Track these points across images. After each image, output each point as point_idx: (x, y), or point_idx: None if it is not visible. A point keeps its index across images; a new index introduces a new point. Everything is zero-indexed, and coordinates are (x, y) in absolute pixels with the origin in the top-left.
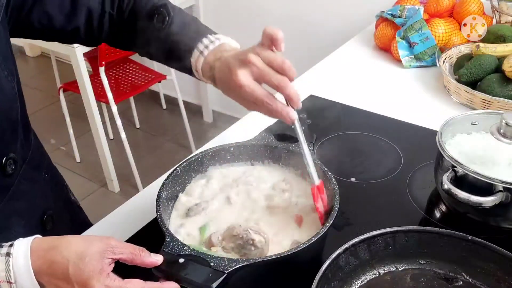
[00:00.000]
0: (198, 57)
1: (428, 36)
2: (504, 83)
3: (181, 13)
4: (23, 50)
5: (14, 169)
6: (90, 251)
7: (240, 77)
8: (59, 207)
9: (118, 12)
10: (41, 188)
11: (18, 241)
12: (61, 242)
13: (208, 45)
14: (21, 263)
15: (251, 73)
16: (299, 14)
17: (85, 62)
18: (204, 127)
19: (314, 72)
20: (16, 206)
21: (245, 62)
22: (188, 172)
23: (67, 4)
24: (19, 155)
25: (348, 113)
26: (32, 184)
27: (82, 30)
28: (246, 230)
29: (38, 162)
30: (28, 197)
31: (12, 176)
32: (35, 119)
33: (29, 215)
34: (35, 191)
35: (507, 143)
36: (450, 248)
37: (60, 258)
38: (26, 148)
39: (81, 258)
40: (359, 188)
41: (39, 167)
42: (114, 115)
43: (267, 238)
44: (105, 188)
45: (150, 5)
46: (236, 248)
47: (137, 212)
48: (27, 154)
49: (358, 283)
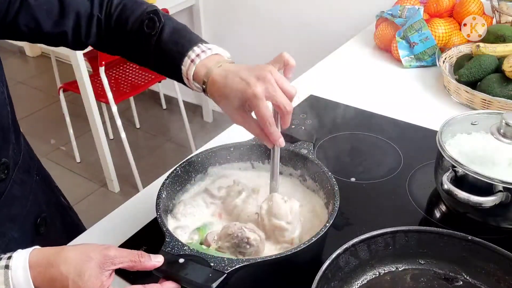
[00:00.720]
0: (189, 65)
1: (428, 36)
2: (504, 83)
3: (171, 20)
4: (23, 50)
5: (7, 174)
6: (89, 266)
7: (258, 89)
8: (51, 209)
9: (106, 17)
10: (33, 191)
11: (17, 254)
12: (59, 257)
13: (199, 54)
14: (20, 276)
15: (265, 90)
16: (299, 14)
17: (85, 62)
18: (204, 127)
19: (314, 72)
20: (9, 211)
21: (261, 78)
22: (188, 172)
23: (55, 8)
24: (11, 160)
25: (348, 113)
26: (24, 188)
27: (70, 34)
28: (241, 228)
29: (29, 165)
30: (20, 202)
31: (5, 181)
32: (35, 119)
33: (23, 220)
34: (27, 194)
35: (507, 143)
36: (450, 248)
37: (59, 275)
38: (17, 151)
39: (80, 274)
40: (359, 188)
41: (30, 170)
42: (114, 115)
43: (262, 236)
44: (105, 188)
45: (140, 11)
46: (231, 247)
47: (137, 212)
48: (19, 157)
49: (358, 283)
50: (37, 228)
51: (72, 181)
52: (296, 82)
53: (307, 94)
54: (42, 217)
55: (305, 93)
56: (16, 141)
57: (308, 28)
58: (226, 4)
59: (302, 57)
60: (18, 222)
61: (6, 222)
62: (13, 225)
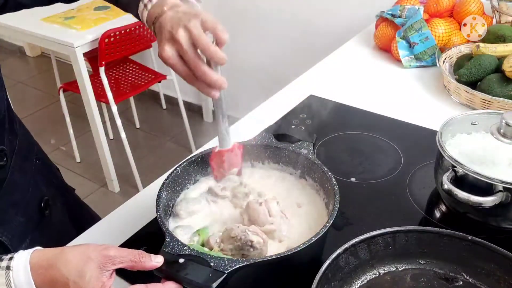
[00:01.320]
0: (143, 10)
1: (428, 36)
2: (504, 83)
3: None
4: (23, 50)
5: (6, 162)
6: (90, 267)
7: (164, 54)
8: (52, 192)
9: None
10: (33, 176)
11: (18, 254)
12: (59, 258)
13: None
14: (21, 276)
15: (176, 51)
16: (299, 14)
17: (85, 62)
18: (204, 127)
19: (314, 72)
20: (12, 198)
21: (173, 39)
22: (188, 172)
23: None
24: (7, 147)
25: (348, 113)
26: (24, 173)
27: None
28: (244, 231)
29: (27, 150)
30: (22, 187)
31: (4, 168)
32: (35, 119)
33: (26, 204)
34: (28, 179)
35: (507, 143)
36: (450, 248)
37: (60, 276)
38: (13, 138)
39: (81, 276)
40: (359, 188)
41: (29, 155)
42: (114, 115)
43: (265, 239)
44: (105, 188)
45: None
46: (234, 249)
47: (137, 212)
48: (15, 144)
49: (358, 283)
50: (41, 211)
51: (72, 181)
52: (296, 82)
53: (307, 94)
54: (45, 201)
55: (305, 93)
56: (10, 127)
57: (308, 28)
58: (226, 5)
59: (302, 57)
60: (21, 208)
61: (9, 208)
62: (17, 211)
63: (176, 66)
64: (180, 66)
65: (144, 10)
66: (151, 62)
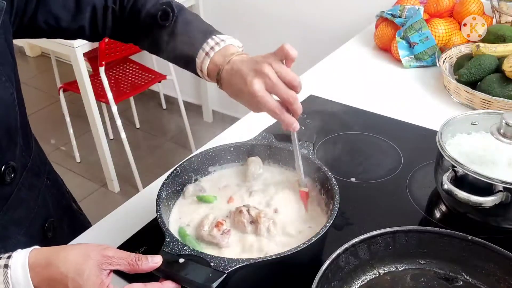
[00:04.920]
0: (204, 58)
1: (428, 36)
2: (504, 83)
3: (184, 11)
4: (23, 50)
5: (14, 178)
6: (88, 265)
7: (255, 87)
8: (60, 214)
9: (121, 8)
10: (42, 195)
11: (16, 253)
12: (58, 257)
13: (213, 46)
14: (19, 274)
15: (264, 84)
16: (299, 14)
17: (85, 62)
18: (204, 127)
19: (314, 72)
20: (15, 214)
21: (259, 73)
22: (188, 172)
23: (71, 3)
24: (19, 163)
25: (348, 113)
26: (32, 191)
27: (87, 27)
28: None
29: (39, 168)
30: (27, 205)
31: (11, 184)
32: (35, 119)
33: (30, 223)
34: (35, 198)
35: (507, 143)
36: (450, 248)
37: (59, 274)
38: (27, 154)
39: (79, 273)
40: (359, 188)
41: (40, 174)
42: (114, 115)
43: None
44: (105, 188)
45: (153, 2)
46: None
47: (137, 212)
48: (28, 161)
49: (358, 283)
50: (45, 233)
51: (72, 181)
52: None
53: (307, 94)
54: (49, 222)
55: (305, 93)
56: (25, 144)
57: (308, 28)
58: (226, 4)
59: (302, 57)
60: (24, 226)
61: (12, 225)
62: (18, 229)
63: (265, 98)
64: (270, 98)
65: (205, 58)
66: (151, 62)
